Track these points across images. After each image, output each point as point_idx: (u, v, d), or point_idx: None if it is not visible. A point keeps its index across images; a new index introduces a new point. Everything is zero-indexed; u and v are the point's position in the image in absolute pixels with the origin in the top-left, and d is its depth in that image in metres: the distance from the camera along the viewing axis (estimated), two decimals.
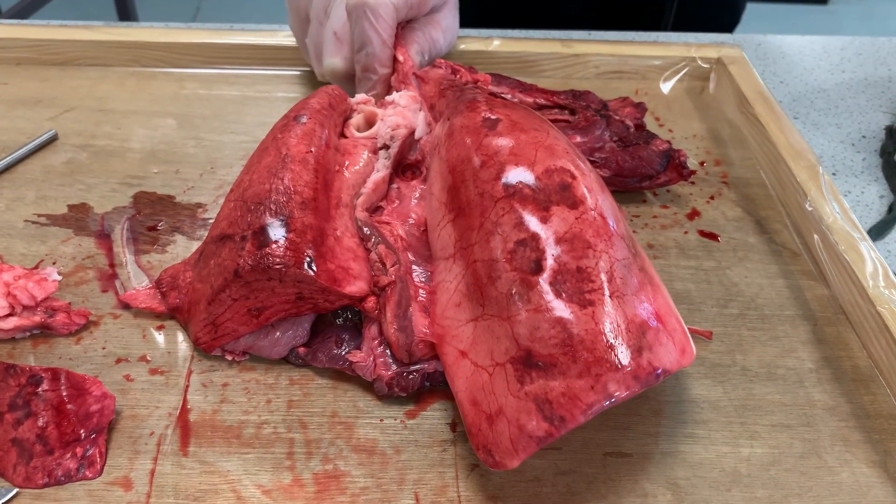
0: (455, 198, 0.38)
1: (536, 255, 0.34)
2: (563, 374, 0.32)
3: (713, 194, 0.55)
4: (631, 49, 0.66)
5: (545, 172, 0.36)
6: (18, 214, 0.50)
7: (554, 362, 0.32)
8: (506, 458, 0.33)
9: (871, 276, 0.44)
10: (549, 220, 0.34)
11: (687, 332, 0.35)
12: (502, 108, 0.41)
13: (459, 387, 0.36)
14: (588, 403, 0.31)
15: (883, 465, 0.38)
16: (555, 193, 0.35)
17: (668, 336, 0.34)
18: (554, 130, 0.40)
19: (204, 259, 0.41)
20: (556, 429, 0.32)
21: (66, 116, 0.59)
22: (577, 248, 0.34)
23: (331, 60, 0.54)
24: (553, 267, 0.33)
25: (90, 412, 0.37)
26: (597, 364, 0.32)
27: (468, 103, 0.42)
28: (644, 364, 0.32)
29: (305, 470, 0.36)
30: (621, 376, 0.31)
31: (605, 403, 0.31)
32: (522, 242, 0.34)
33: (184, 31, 0.64)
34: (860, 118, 0.66)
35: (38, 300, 0.41)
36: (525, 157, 0.37)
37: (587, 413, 0.31)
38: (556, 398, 0.32)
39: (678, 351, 0.34)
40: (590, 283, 0.33)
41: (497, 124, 0.39)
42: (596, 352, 0.32)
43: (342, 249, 0.40)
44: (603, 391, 0.31)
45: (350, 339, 0.41)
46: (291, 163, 0.41)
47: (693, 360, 0.35)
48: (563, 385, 0.32)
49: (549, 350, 0.32)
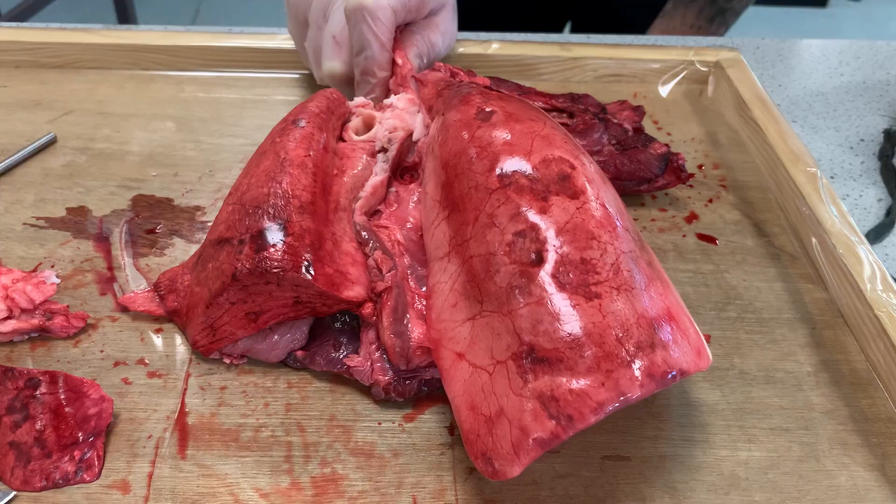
0: (449, 194, 0.37)
1: (537, 247, 0.32)
2: (571, 369, 0.30)
3: (711, 197, 0.55)
4: (629, 52, 0.66)
5: (542, 162, 0.35)
6: (17, 217, 0.50)
7: (560, 357, 0.30)
8: (506, 465, 0.31)
9: (868, 280, 0.44)
10: (548, 210, 0.33)
11: (701, 335, 0.33)
12: (497, 101, 0.39)
13: (456, 391, 0.34)
14: (599, 401, 0.29)
15: (881, 468, 0.38)
16: (554, 184, 0.34)
17: (682, 335, 0.32)
18: (551, 121, 0.39)
19: (202, 262, 0.41)
20: (562, 429, 0.29)
21: (65, 119, 0.59)
22: (579, 238, 0.32)
23: (330, 64, 0.54)
24: (555, 258, 0.31)
25: (88, 415, 0.37)
26: (607, 359, 0.29)
27: (462, 97, 0.41)
28: (658, 361, 0.30)
29: (303, 473, 0.36)
30: (633, 374, 0.29)
31: (617, 402, 0.29)
32: (521, 234, 0.33)
33: (183, 35, 0.64)
34: (858, 122, 0.66)
35: (36, 303, 0.41)
36: (521, 146, 0.35)
37: (598, 412, 0.29)
38: (562, 395, 0.29)
39: (694, 352, 0.32)
40: (595, 274, 0.31)
41: (491, 116, 0.38)
42: (605, 346, 0.30)
43: (340, 254, 0.40)
44: (615, 389, 0.29)
45: (348, 343, 0.41)
46: (290, 167, 0.41)
47: (710, 364, 0.32)
48: (570, 381, 0.29)
49: (554, 344, 0.30)
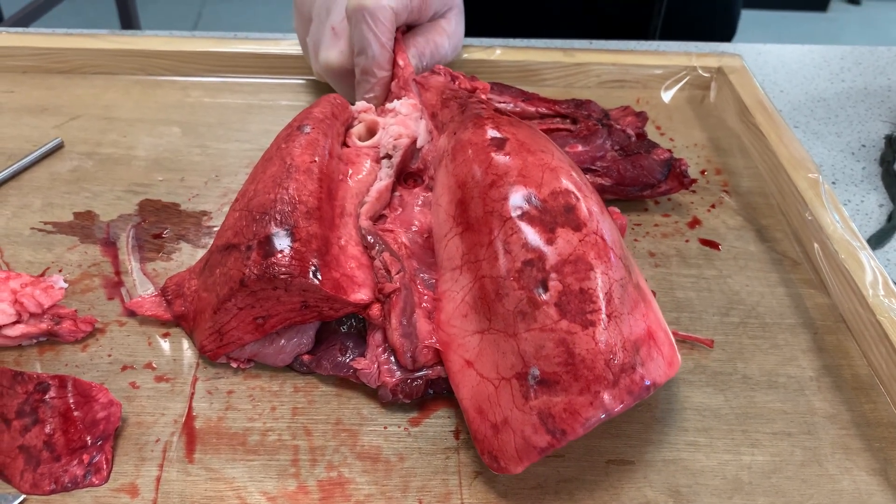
0: (464, 212, 0.40)
1: (542, 276, 0.35)
2: (566, 390, 0.34)
3: (714, 203, 0.55)
4: (632, 58, 0.66)
5: (551, 195, 0.38)
6: (25, 222, 0.50)
7: (557, 380, 0.34)
8: (510, 464, 0.35)
9: (870, 285, 0.44)
10: (554, 241, 0.36)
11: (673, 342, 0.38)
12: (508, 127, 0.42)
13: (465, 394, 0.37)
14: (586, 417, 0.34)
15: (883, 472, 0.38)
16: (560, 216, 0.37)
17: (658, 350, 0.36)
18: (558, 151, 0.42)
19: (209, 268, 0.41)
20: (557, 440, 0.34)
21: (72, 124, 0.59)
22: (580, 269, 0.36)
23: (326, 54, 0.54)
24: (558, 288, 0.35)
25: (97, 419, 0.37)
26: (596, 381, 0.34)
27: (474, 119, 0.43)
28: (637, 379, 0.34)
29: (310, 477, 0.37)
30: (617, 392, 0.34)
31: (601, 417, 0.34)
32: (530, 262, 0.36)
33: (188, 40, 0.65)
34: (860, 127, 0.66)
35: (44, 307, 0.41)
36: (532, 178, 0.38)
37: (586, 426, 0.34)
38: (558, 413, 0.34)
39: (666, 364, 0.36)
40: (591, 303, 0.35)
41: (504, 143, 0.40)
42: (595, 370, 0.34)
43: (346, 258, 0.40)
44: (601, 406, 0.34)
45: (354, 347, 0.41)
46: (296, 173, 0.41)
47: (679, 368, 0.37)
48: (565, 401, 0.34)
49: (553, 368, 0.34)
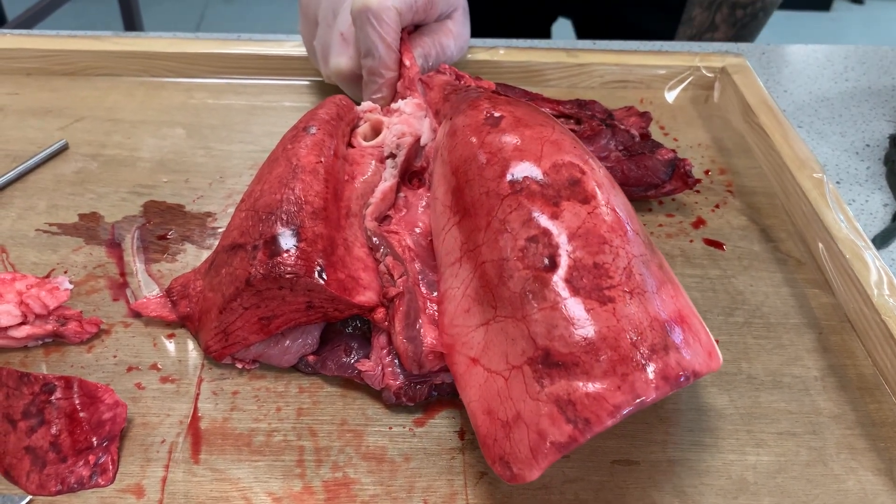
0: (459, 199, 0.37)
1: (549, 252, 0.32)
2: (587, 373, 0.30)
3: (718, 203, 0.55)
4: (635, 58, 0.66)
5: (553, 167, 0.35)
6: (30, 224, 0.50)
7: (575, 361, 0.30)
8: (524, 468, 0.31)
9: (875, 285, 0.44)
10: (560, 215, 0.33)
11: (711, 336, 0.34)
12: (505, 105, 0.40)
13: (472, 396, 0.35)
14: (615, 404, 0.29)
15: (889, 472, 0.38)
16: (564, 189, 0.34)
17: (693, 337, 0.32)
18: (559, 125, 0.39)
19: (215, 268, 0.41)
20: (580, 432, 0.29)
21: (76, 126, 0.59)
22: (591, 243, 0.32)
23: (336, 60, 0.55)
24: (568, 263, 0.32)
25: (102, 420, 0.37)
26: (622, 363, 0.30)
27: (470, 102, 0.41)
28: (672, 364, 0.30)
29: (315, 477, 0.37)
30: (649, 376, 0.30)
31: (633, 404, 0.29)
32: (534, 239, 0.33)
33: (192, 42, 0.65)
34: (864, 127, 0.66)
35: (50, 309, 0.41)
36: (531, 152, 0.36)
37: (615, 415, 0.29)
38: (579, 399, 0.30)
39: (705, 353, 0.32)
40: (608, 279, 0.31)
41: (500, 121, 0.38)
42: (620, 349, 0.30)
43: (352, 259, 0.40)
44: (631, 391, 0.29)
45: (359, 348, 0.41)
46: (302, 173, 0.41)
47: (720, 366, 0.33)
48: (586, 385, 0.30)
49: (570, 349, 0.30)
